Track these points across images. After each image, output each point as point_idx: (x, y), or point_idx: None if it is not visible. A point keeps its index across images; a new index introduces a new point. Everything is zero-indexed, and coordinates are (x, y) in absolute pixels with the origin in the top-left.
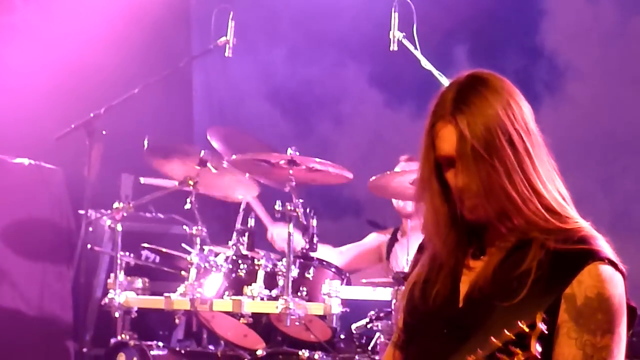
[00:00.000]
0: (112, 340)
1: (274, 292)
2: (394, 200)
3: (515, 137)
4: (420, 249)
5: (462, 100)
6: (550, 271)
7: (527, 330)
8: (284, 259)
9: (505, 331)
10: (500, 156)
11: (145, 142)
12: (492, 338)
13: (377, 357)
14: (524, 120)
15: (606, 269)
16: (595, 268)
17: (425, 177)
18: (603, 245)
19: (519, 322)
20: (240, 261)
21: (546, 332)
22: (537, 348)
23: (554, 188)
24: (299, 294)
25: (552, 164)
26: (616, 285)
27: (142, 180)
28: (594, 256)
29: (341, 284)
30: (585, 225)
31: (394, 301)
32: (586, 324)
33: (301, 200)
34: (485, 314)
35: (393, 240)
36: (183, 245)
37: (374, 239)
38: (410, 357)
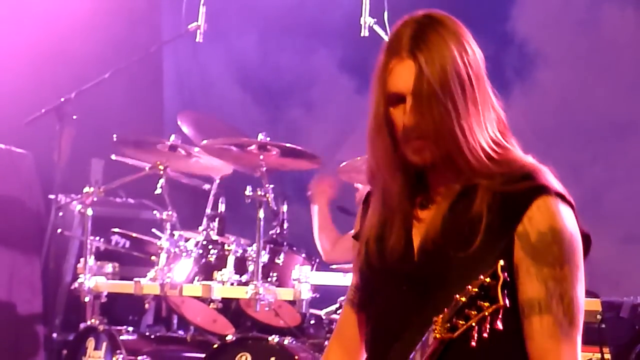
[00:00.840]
0: (82, 325)
1: (244, 278)
2: (358, 185)
3: (467, 82)
4: (366, 200)
5: (421, 38)
6: (500, 213)
7: (489, 281)
8: (254, 245)
9: (469, 287)
10: (453, 99)
11: (114, 137)
12: (456, 296)
13: None
14: (477, 65)
15: (554, 202)
16: (543, 202)
17: (380, 116)
18: (549, 178)
19: (481, 275)
20: (210, 246)
21: (508, 279)
22: (504, 296)
23: (495, 134)
24: (269, 279)
25: (496, 109)
26: (566, 216)
27: (114, 157)
28: (540, 190)
29: (311, 270)
30: (528, 162)
31: None
32: (543, 258)
33: (272, 186)
34: (442, 266)
35: None
36: (153, 230)
37: None
38: (372, 318)
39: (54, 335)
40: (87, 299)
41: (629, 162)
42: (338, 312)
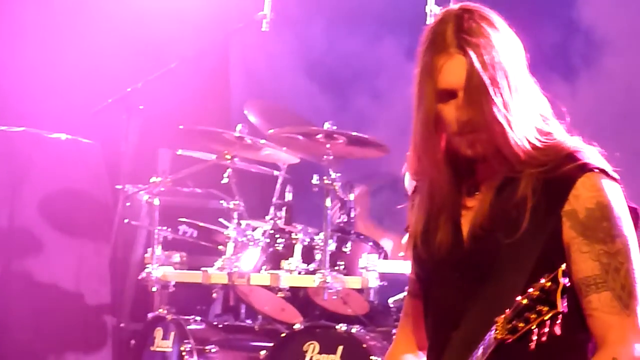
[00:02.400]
0: (150, 315)
1: (312, 266)
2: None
3: (512, 73)
4: (414, 194)
5: (466, 32)
6: (545, 195)
7: (549, 285)
8: (321, 233)
9: (530, 289)
10: (501, 91)
11: (181, 127)
12: (518, 298)
13: None
14: (518, 55)
15: (598, 178)
16: (588, 179)
17: (430, 112)
18: (591, 156)
19: (542, 279)
20: (277, 235)
21: (568, 284)
22: (563, 303)
23: (539, 122)
24: (336, 267)
25: (538, 95)
26: (612, 191)
27: (180, 151)
28: (583, 168)
29: (378, 258)
30: (572, 145)
31: None
32: (594, 235)
33: (339, 174)
34: (492, 250)
35: None
36: (220, 219)
37: None
38: (430, 307)
39: (122, 325)
40: (154, 289)
41: None
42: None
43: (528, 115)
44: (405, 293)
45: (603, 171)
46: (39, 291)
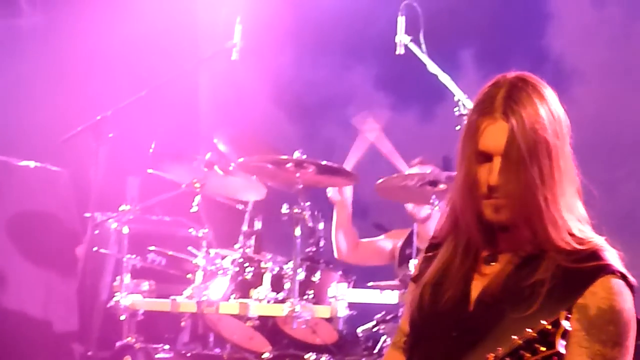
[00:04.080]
0: (118, 343)
1: (281, 295)
2: (408, 205)
3: (554, 151)
4: (430, 248)
5: (514, 101)
6: (563, 284)
7: (550, 327)
8: (291, 262)
9: (529, 330)
10: (540, 166)
11: (152, 146)
12: (513, 337)
13: None
14: (564, 134)
15: (618, 283)
16: (607, 281)
17: (470, 173)
18: (616, 259)
19: (542, 321)
20: (246, 264)
21: (569, 329)
22: (561, 344)
23: (577, 210)
24: (305, 297)
25: (577, 185)
26: (627, 299)
27: (150, 170)
28: (606, 269)
29: (348, 287)
30: (599, 242)
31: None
32: (597, 335)
33: (308, 203)
34: (496, 320)
35: (406, 244)
36: (189, 248)
37: (389, 241)
38: (415, 358)
39: (90, 353)
40: (123, 317)
41: None
42: (375, 329)
43: (565, 196)
44: (373, 322)
45: (623, 277)
46: (7, 318)
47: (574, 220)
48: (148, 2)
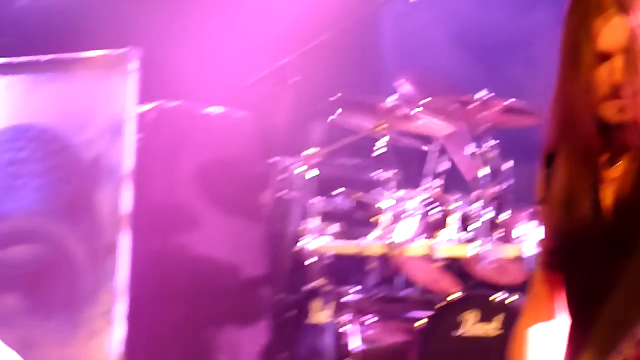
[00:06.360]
0: (307, 287)
1: (468, 236)
2: None
3: None
4: (546, 163)
5: None
6: None
7: None
8: (478, 202)
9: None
10: None
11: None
12: None
13: None
14: None
15: None
16: None
17: (587, 75)
18: None
19: None
20: (434, 205)
21: None
22: None
23: None
24: (493, 236)
25: None
26: None
27: (333, 117)
28: None
29: (537, 226)
30: None
31: None
32: None
33: (494, 142)
34: (636, 222)
35: None
36: (376, 190)
37: None
38: (571, 280)
39: (278, 297)
40: (310, 261)
41: None
42: None
43: None
44: None
45: None
46: (196, 265)
47: None
48: None
